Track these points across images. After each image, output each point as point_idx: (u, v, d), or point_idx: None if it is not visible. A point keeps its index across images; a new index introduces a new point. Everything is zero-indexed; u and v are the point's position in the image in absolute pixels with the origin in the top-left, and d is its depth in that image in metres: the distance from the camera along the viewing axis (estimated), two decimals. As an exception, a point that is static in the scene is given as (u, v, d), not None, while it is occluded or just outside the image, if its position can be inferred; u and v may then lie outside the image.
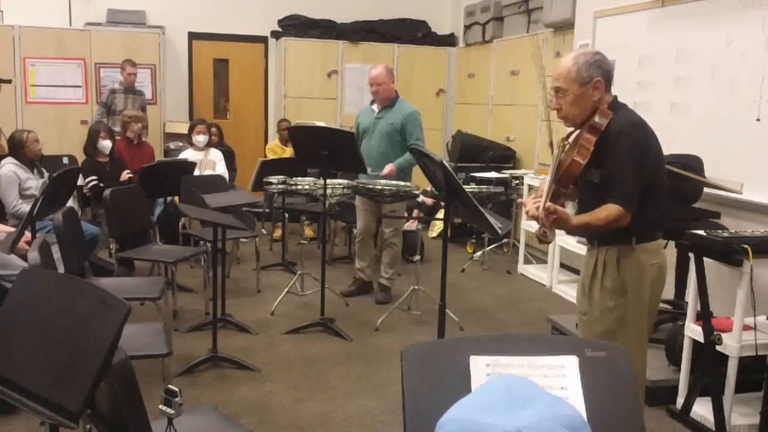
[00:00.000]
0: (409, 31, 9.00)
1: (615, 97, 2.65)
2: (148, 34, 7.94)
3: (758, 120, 4.04)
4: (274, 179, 5.67)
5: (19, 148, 5.12)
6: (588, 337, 2.67)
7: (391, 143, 5.08)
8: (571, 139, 2.61)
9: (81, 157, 6.49)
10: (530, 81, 7.10)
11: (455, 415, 0.97)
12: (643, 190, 2.55)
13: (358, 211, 5.32)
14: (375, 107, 5.21)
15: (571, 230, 2.71)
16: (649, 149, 2.58)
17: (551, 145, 2.76)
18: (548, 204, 2.44)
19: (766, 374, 3.20)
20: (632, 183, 2.52)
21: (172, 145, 7.92)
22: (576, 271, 6.07)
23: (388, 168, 4.97)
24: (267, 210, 7.11)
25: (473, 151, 7.37)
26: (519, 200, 2.90)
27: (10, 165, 5.08)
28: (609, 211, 2.52)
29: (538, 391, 0.99)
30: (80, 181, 5.76)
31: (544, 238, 2.50)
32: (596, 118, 2.55)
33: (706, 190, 4.05)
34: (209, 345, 4.02)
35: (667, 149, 3.01)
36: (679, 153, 4.10)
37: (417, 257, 5.08)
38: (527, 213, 2.64)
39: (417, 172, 4.73)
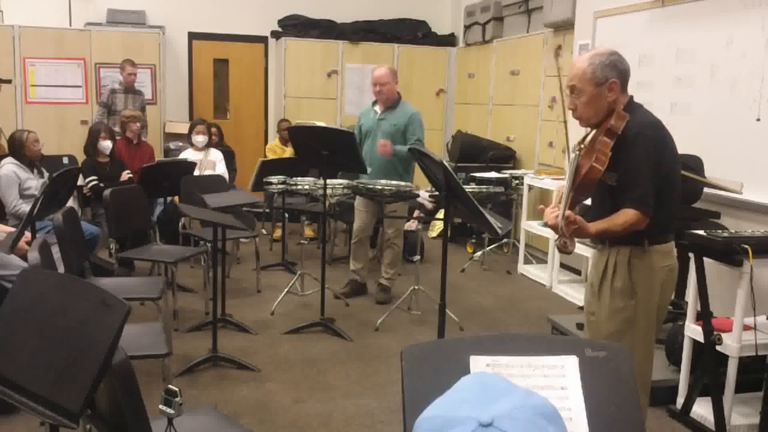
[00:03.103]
0: (409, 31, 9.00)
1: (631, 98, 2.62)
2: (148, 34, 7.94)
3: (758, 120, 4.04)
4: (274, 179, 5.67)
5: (19, 148, 5.12)
6: (595, 337, 2.64)
7: (394, 144, 5.08)
8: (587, 142, 2.57)
9: (81, 157, 6.49)
10: (530, 81, 7.10)
11: (431, 413, 0.99)
12: (656, 192, 2.52)
13: (357, 212, 5.30)
14: (377, 108, 5.21)
15: (589, 237, 2.66)
16: (665, 151, 2.56)
17: (565, 151, 2.73)
18: (567, 212, 2.41)
19: (766, 374, 3.20)
20: (648, 186, 2.49)
21: (172, 145, 7.92)
22: (576, 271, 6.08)
23: (386, 143, 4.94)
24: (267, 210, 7.11)
25: (473, 151, 7.36)
26: (540, 207, 2.82)
27: (10, 165, 5.08)
28: (626, 216, 2.49)
29: (510, 385, 1.02)
30: (80, 181, 5.76)
31: (564, 248, 2.45)
32: (612, 121, 2.50)
33: (706, 190, 4.05)
34: (209, 345, 4.02)
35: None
36: (679, 153, 4.10)
37: (417, 257, 5.08)
38: (546, 223, 2.59)
39: (417, 172, 4.73)
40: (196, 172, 6.00)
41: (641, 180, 2.49)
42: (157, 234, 5.84)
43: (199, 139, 6.57)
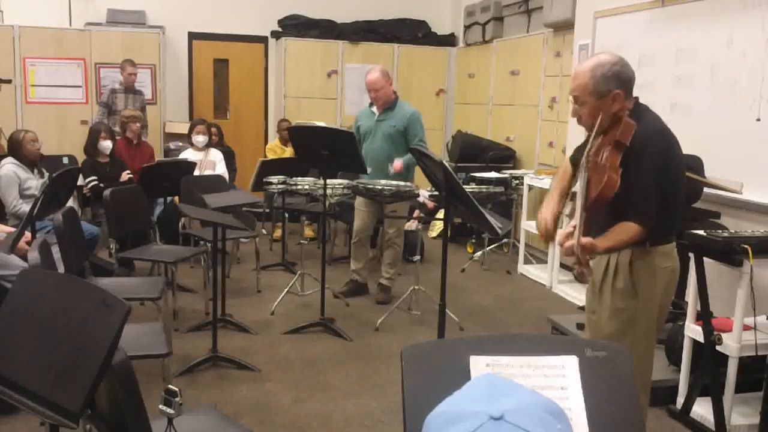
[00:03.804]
0: (409, 31, 9.00)
1: (636, 100, 2.58)
2: (148, 34, 7.94)
3: (758, 120, 4.04)
4: (274, 179, 5.67)
5: (17, 148, 5.12)
6: (596, 337, 2.63)
7: (394, 145, 5.08)
8: (591, 153, 2.47)
9: (81, 157, 6.48)
10: (530, 81, 7.10)
11: (441, 410, 1.03)
12: (662, 198, 2.48)
13: (357, 212, 5.29)
14: (375, 109, 5.20)
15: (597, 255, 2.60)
16: (672, 158, 2.53)
17: (565, 151, 2.68)
18: (584, 240, 2.34)
19: (766, 374, 3.20)
20: (653, 200, 2.46)
21: (172, 145, 7.92)
22: (576, 271, 6.07)
23: (398, 162, 4.97)
24: (267, 210, 7.11)
25: (473, 151, 7.36)
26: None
27: (10, 165, 5.07)
28: (631, 233, 2.46)
29: (518, 385, 1.06)
30: (80, 181, 5.75)
31: (582, 279, 2.39)
32: (620, 133, 2.43)
33: (706, 190, 4.04)
34: (209, 345, 4.02)
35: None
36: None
37: (417, 257, 5.08)
38: (565, 254, 2.47)
39: (417, 172, 4.72)
40: (196, 172, 6.00)
41: (647, 194, 2.46)
42: (157, 234, 5.84)
43: (199, 139, 6.57)
